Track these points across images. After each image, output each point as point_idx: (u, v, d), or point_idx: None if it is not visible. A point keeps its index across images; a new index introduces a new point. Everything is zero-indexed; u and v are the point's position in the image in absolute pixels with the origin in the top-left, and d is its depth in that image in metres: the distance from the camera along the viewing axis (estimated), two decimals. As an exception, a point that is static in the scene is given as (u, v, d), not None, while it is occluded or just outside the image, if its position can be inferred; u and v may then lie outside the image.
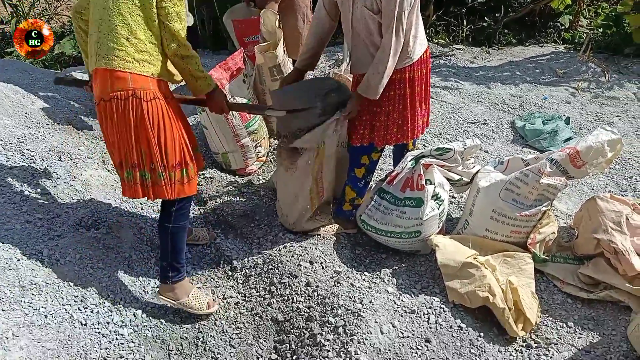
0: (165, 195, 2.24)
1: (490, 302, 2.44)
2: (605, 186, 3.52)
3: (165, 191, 2.23)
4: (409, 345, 2.31)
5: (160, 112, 2.15)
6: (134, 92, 2.11)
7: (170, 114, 2.20)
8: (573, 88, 4.94)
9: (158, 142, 2.16)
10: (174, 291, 2.42)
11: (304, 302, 2.51)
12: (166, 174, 2.21)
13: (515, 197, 2.74)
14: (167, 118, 2.18)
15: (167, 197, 2.24)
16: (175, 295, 2.42)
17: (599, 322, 2.49)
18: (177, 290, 2.41)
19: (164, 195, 2.24)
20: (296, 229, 2.94)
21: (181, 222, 2.39)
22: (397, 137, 2.70)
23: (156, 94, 2.16)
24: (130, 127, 2.13)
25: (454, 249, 2.71)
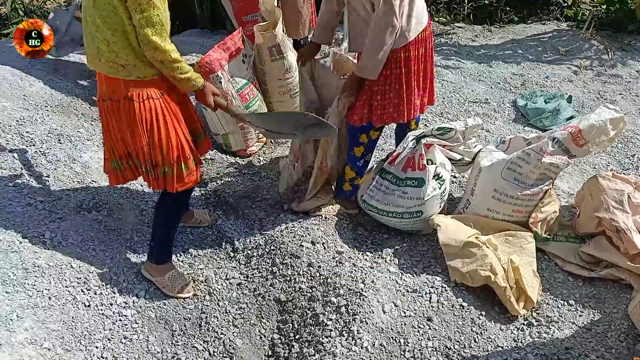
0: (167, 188, 2.29)
1: (491, 281, 2.45)
2: (608, 164, 3.50)
3: (166, 185, 2.28)
4: (411, 324, 2.33)
5: (153, 112, 2.15)
6: (125, 95, 2.12)
7: (165, 111, 2.19)
8: (575, 66, 4.90)
9: (153, 141, 2.18)
10: (156, 270, 2.50)
11: (306, 282, 2.52)
12: (165, 169, 2.24)
13: (517, 177, 2.73)
14: (162, 116, 2.17)
15: (169, 190, 2.29)
16: (154, 273, 2.50)
17: (600, 300, 2.50)
18: (158, 270, 2.50)
19: (165, 188, 2.29)
20: (296, 208, 2.94)
21: (175, 208, 2.45)
22: (393, 116, 2.68)
23: (150, 93, 2.15)
24: (127, 127, 2.17)
25: (456, 228, 2.71)
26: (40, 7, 5.84)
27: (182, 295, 2.50)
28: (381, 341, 2.25)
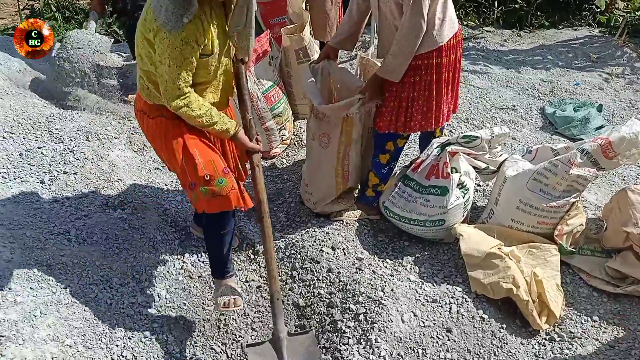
0: (200, 209, 2.19)
1: (513, 294, 2.41)
2: (637, 177, 3.42)
3: (193, 202, 2.23)
4: (430, 335, 2.31)
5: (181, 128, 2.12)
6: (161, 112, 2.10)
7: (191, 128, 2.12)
8: (607, 74, 4.79)
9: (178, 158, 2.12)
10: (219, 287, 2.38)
11: (325, 288, 2.51)
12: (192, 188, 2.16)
13: (543, 188, 2.68)
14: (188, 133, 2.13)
15: (200, 210, 2.19)
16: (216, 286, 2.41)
17: (624, 317, 2.45)
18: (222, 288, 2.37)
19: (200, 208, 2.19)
20: (317, 209, 2.94)
21: (216, 230, 2.30)
22: (421, 124, 2.65)
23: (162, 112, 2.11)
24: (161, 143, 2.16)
25: (479, 238, 2.68)
26: (73, 3, 5.94)
27: (229, 309, 2.34)
28: (399, 351, 2.23)
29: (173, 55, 1.89)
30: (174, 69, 1.92)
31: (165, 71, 1.92)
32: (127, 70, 4.03)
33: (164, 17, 1.84)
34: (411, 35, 2.38)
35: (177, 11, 1.83)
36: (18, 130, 3.19)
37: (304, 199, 3.00)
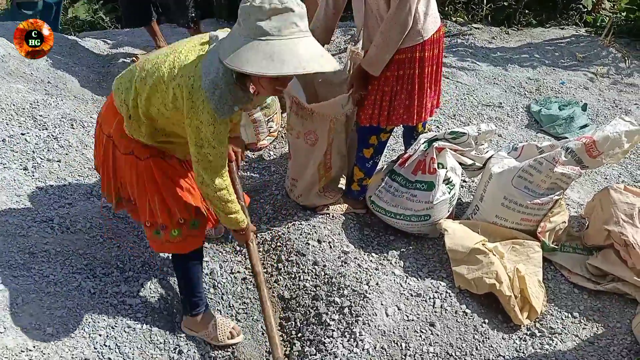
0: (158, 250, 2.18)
1: (496, 289, 2.44)
2: (619, 176, 3.47)
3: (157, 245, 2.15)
4: (413, 329, 2.33)
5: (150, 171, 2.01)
6: (132, 151, 1.99)
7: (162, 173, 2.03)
8: (592, 73, 4.85)
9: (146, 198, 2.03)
10: (196, 324, 2.32)
11: (311, 280, 2.52)
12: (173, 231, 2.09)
13: (527, 185, 2.71)
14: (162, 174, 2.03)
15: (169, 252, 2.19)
16: (197, 327, 2.32)
17: (604, 314, 2.49)
18: (199, 323, 2.31)
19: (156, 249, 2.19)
20: (303, 202, 2.93)
21: (192, 261, 2.23)
22: (403, 118, 2.65)
23: (152, 152, 2.00)
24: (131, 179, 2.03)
25: (463, 234, 2.70)
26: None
27: (234, 340, 2.33)
28: (383, 344, 2.25)
29: (219, 138, 1.83)
30: (219, 150, 1.85)
31: (209, 152, 1.84)
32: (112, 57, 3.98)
33: (217, 103, 1.75)
34: (397, 29, 2.37)
35: (230, 100, 1.78)
36: (1, 116, 3.13)
37: (288, 192, 2.99)
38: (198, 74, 1.74)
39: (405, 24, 2.36)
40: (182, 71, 1.77)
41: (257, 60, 1.64)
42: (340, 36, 5.00)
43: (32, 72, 3.62)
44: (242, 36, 1.67)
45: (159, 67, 1.82)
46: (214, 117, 1.77)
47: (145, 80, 1.84)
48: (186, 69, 1.77)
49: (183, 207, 2.06)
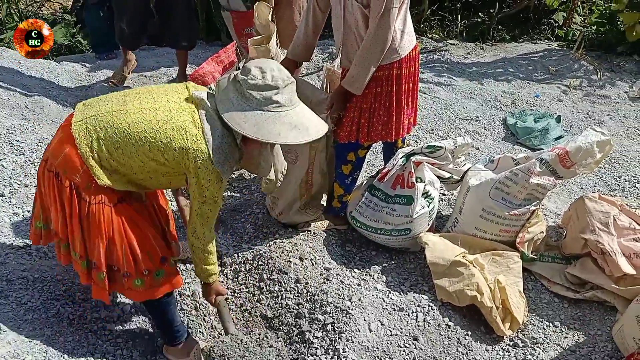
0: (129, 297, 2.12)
1: (478, 301, 2.46)
2: (595, 185, 3.54)
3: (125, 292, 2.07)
4: (397, 343, 2.33)
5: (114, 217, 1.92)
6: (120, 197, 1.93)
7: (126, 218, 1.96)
8: (565, 86, 4.96)
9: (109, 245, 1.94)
10: (177, 352, 2.28)
11: (293, 298, 2.51)
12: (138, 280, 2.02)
13: (504, 196, 2.75)
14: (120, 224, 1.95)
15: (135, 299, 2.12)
16: (177, 355, 2.28)
17: (585, 322, 2.52)
18: (180, 351, 2.28)
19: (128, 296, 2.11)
20: (284, 220, 2.93)
21: (165, 299, 2.14)
22: (381, 134, 2.69)
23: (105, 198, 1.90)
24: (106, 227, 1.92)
25: (444, 247, 2.72)
26: (36, 13, 5.83)
27: None
28: (366, 360, 2.25)
29: (220, 196, 1.97)
30: (218, 206, 2.00)
31: (210, 209, 1.96)
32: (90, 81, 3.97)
33: (222, 166, 1.89)
34: (377, 48, 2.41)
35: (232, 161, 1.93)
36: (-24, 142, 3.10)
37: (269, 210, 2.99)
38: (202, 139, 1.85)
39: (385, 42, 2.40)
40: (183, 134, 1.84)
41: (286, 131, 1.88)
42: (317, 54, 5.05)
43: (9, 97, 3.59)
44: (251, 107, 1.87)
45: (149, 124, 1.83)
46: (219, 177, 1.90)
47: (126, 135, 1.83)
48: (187, 133, 1.84)
49: (147, 256, 2.01)
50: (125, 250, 1.95)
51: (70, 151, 1.85)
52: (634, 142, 4.14)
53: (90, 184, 1.87)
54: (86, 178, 1.86)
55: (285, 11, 3.64)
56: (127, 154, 1.85)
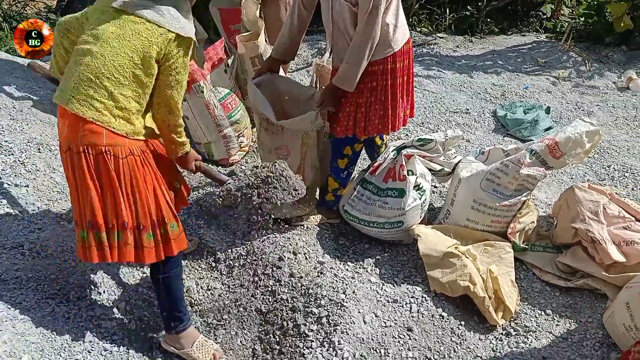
0: (148, 260, 2.09)
1: (470, 291, 2.48)
2: (584, 175, 3.58)
3: (148, 255, 2.08)
4: (392, 335, 2.35)
5: (134, 170, 2.01)
6: (107, 149, 1.95)
7: (146, 169, 2.05)
8: (554, 77, 5.00)
9: (134, 200, 2.02)
10: (179, 341, 2.28)
11: (288, 292, 2.53)
12: (146, 234, 2.06)
13: (495, 187, 2.77)
14: (142, 175, 2.03)
15: (151, 261, 2.10)
16: (180, 345, 2.28)
17: (576, 310, 2.55)
18: (182, 340, 2.28)
19: (147, 260, 2.09)
20: (276, 215, 2.93)
21: (173, 271, 2.22)
22: (378, 128, 2.70)
23: (132, 149, 2.01)
24: (103, 185, 1.98)
25: (436, 238, 2.75)
26: (20, 13, 5.78)
27: None
28: (362, 352, 2.26)
29: (186, 65, 2.06)
30: (184, 84, 2.09)
31: (180, 87, 2.06)
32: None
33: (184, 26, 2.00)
34: (366, 45, 2.42)
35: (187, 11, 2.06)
36: (-35, 143, 3.08)
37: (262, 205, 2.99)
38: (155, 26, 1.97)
39: (374, 39, 2.42)
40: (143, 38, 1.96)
41: None
42: (307, 50, 5.05)
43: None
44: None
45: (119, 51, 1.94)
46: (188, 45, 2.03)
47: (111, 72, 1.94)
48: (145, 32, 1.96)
49: (167, 207, 2.13)
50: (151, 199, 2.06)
51: (83, 125, 1.93)
52: (622, 132, 4.18)
53: (117, 142, 1.97)
54: (111, 138, 1.96)
55: (273, 8, 3.64)
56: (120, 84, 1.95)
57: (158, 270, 2.20)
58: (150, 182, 2.07)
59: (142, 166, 2.05)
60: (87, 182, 1.97)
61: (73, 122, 1.96)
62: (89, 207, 1.99)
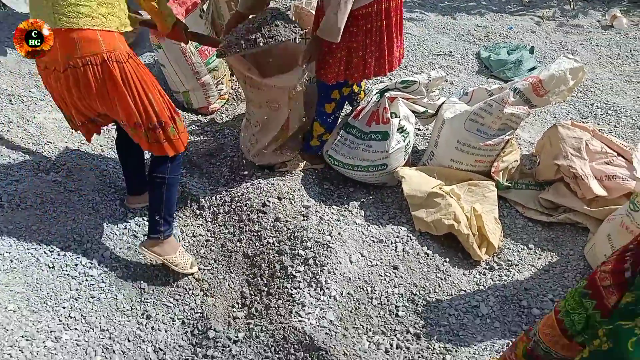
0: (169, 152, 2.22)
1: (455, 229, 2.50)
2: (567, 114, 3.58)
3: (167, 148, 2.21)
4: (378, 273, 2.38)
5: (139, 71, 2.06)
6: (109, 56, 1.96)
7: (145, 70, 2.12)
8: (538, 17, 4.93)
9: (149, 101, 2.09)
10: (162, 247, 2.31)
11: (274, 236, 2.53)
12: (163, 131, 2.17)
13: (479, 127, 2.76)
14: (146, 75, 2.10)
15: (171, 154, 2.22)
16: (163, 251, 2.32)
17: (558, 243, 2.60)
18: (166, 247, 2.33)
19: (166, 152, 2.21)
20: (260, 161, 2.90)
21: (176, 173, 2.33)
22: (375, 70, 2.63)
23: (129, 53, 2.05)
24: (114, 93, 2.03)
25: (420, 179, 2.75)
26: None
27: (193, 270, 2.40)
28: (349, 290, 2.29)
29: None
30: None
31: None
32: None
33: None
34: None
35: None
36: None
37: (245, 153, 2.96)
38: None
39: None
40: None
41: None
42: (286, -6, 4.89)
43: (-36, 50, 3.44)
44: None
45: None
46: None
47: None
48: None
49: (169, 103, 2.21)
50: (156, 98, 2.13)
51: (77, 35, 1.92)
52: (606, 70, 4.17)
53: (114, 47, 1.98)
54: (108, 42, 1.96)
55: None
56: None
57: (165, 171, 2.27)
58: (152, 81, 2.13)
59: (142, 67, 2.10)
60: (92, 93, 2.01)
61: (65, 38, 1.93)
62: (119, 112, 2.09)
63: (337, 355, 2.02)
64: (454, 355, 2.09)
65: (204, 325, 2.23)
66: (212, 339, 2.16)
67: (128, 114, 2.08)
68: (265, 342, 2.13)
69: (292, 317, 2.17)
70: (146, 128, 2.13)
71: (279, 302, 2.28)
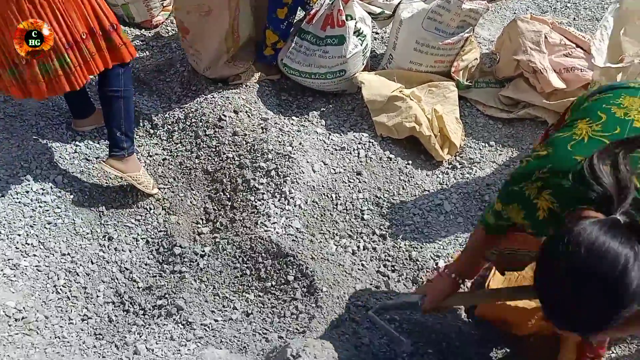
0: (126, 57, 2.16)
1: (416, 132, 2.49)
2: (527, 9, 3.51)
3: (125, 53, 2.14)
4: (341, 180, 2.36)
5: None
6: None
7: None
8: None
9: (97, 4, 2.03)
10: (126, 164, 2.23)
11: (233, 151, 2.46)
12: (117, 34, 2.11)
13: (437, 26, 2.68)
14: None
15: (128, 59, 2.17)
16: (127, 168, 2.24)
17: (518, 139, 2.62)
18: (129, 164, 2.24)
19: (124, 58, 2.15)
20: (212, 75, 2.77)
21: (130, 86, 2.27)
22: None
23: None
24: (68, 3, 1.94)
25: (380, 84, 2.69)
26: None
27: (154, 191, 2.34)
28: (314, 198, 2.28)
29: None
30: None
31: None
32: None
33: None
34: None
35: None
36: None
37: (194, 66, 2.81)
38: None
39: None
40: None
41: None
42: None
43: None
44: None
45: None
46: None
47: None
48: None
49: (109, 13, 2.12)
50: None
51: None
52: (562, -36, 4.07)
53: None
54: None
55: None
56: None
57: (119, 84, 2.19)
58: None
59: None
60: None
61: None
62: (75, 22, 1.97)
63: (305, 259, 2.03)
64: (419, 252, 2.13)
65: (169, 242, 2.19)
66: (178, 255, 2.13)
67: (85, 19, 1.99)
68: (232, 254, 2.12)
69: (258, 227, 2.16)
70: (101, 35, 2.05)
71: (243, 215, 2.25)
